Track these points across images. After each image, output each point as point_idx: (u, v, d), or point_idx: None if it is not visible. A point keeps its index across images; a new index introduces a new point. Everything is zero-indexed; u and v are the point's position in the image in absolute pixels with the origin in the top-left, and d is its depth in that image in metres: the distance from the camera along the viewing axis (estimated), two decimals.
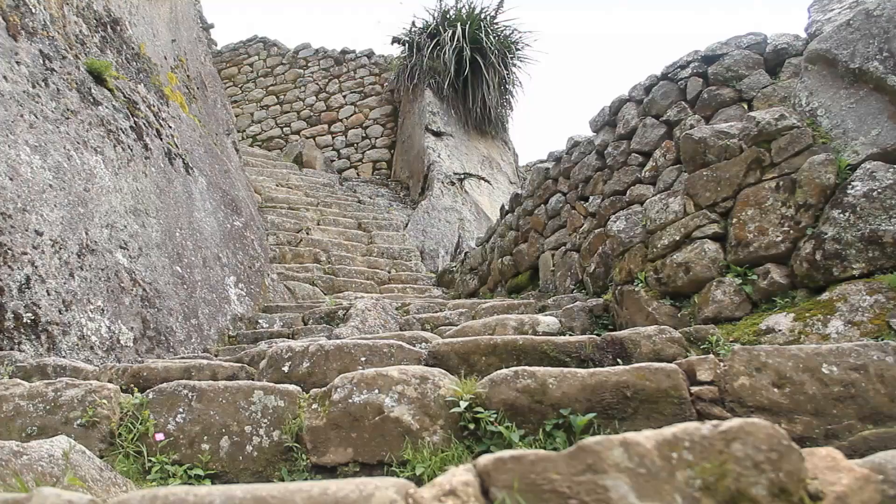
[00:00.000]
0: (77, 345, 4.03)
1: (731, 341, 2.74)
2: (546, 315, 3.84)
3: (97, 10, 5.85)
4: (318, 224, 9.45)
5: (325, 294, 7.47)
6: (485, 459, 0.85)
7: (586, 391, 1.78)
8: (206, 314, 5.59)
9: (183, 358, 3.87)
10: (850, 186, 2.68)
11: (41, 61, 4.55)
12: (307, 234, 8.92)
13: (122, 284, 4.60)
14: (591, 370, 1.83)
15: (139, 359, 4.27)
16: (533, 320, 3.59)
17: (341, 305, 5.55)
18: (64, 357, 3.75)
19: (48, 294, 3.89)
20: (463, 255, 8.49)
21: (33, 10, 4.66)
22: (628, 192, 4.91)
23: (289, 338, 5.02)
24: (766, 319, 2.75)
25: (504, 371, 1.85)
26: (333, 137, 13.22)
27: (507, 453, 0.84)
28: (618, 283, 3.53)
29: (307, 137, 13.14)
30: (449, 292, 8.15)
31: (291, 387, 2.00)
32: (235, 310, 6.09)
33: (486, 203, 11.22)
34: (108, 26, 5.99)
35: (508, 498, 0.80)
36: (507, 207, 7.35)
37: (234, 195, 7.52)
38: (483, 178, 11.44)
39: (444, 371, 1.99)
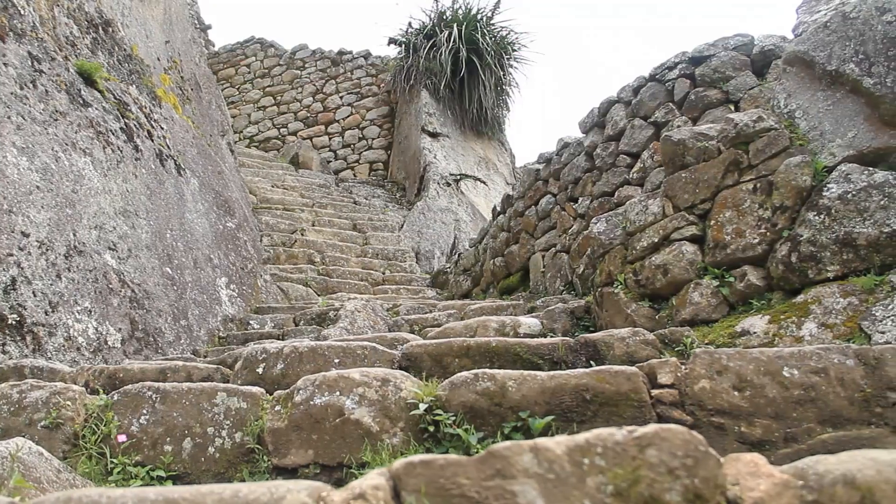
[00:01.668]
0: (63, 346, 4.03)
1: (707, 343, 2.73)
2: (529, 317, 3.84)
3: (88, 11, 5.86)
4: (313, 225, 9.46)
5: (318, 295, 7.48)
6: (397, 464, 0.85)
7: (546, 394, 1.78)
8: (197, 315, 5.59)
9: (166, 359, 3.88)
10: (826, 189, 2.67)
11: (29, 63, 4.57)
12: (302, 235, 8.93)
13: (111, 286, 4.61)
14: (552, 373, 1.83)
15: (126, 360, 4.28)
16: (515, 322, 3.59)
17: (333, 307, 5.55)
18: (50, 358, 3.76)
19: (34, 295, 3.90)
20: (457, 256, 8.49)
21: (22, 12, 4.68)
22: (616, 194, 4.91)
23: (279, 339, 5.03)
24: (742, 322, 2.75)
25: (464, 373, 1.85)
26: (330, 138, 13.23)
27: (417, 458, 0.84)
28: (598, 285, 3.52)
29: (304, 138, 13.15)
30: (443, 293, 8.15)
31: (255, 388, 2.00)
32: (227, 311, 6.10)
33: (483, 204, 11.21)
34: (100, 28, 6.01)
35: (416, 502, 0.80)
36: (498, 209, 7.35)
37: (228, 196, 7.53)
38: (479, 179, 11.43)
39: (406, 373, 1.99)
